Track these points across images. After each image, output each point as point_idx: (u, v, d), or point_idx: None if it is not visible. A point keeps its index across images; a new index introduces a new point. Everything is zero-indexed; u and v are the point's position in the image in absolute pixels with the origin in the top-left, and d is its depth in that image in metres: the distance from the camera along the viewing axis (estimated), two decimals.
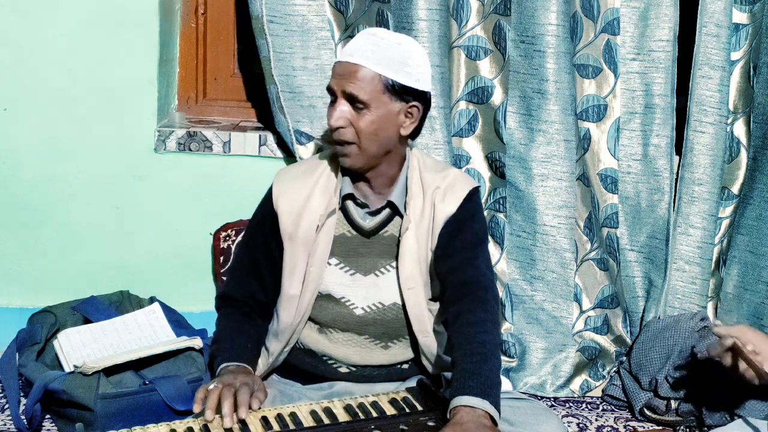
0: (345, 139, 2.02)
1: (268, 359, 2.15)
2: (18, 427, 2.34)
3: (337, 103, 2.01)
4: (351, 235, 2.11)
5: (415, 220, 2.08)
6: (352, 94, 1.99)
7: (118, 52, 2.74)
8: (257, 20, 2.64)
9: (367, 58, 1.98)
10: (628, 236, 2.82)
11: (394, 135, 2.05)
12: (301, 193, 2.10)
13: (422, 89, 2.05)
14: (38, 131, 2.78)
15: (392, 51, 2.00)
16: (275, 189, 2.14)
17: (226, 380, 1.93)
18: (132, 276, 2.85)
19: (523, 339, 2.80)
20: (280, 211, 2.10)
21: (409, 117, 2.05)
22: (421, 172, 2.12)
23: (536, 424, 1.96)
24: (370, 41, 2.01)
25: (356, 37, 2.04)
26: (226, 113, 3.01)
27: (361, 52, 1.99)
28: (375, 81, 1.99)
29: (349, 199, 2.11)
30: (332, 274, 2.10)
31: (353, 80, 1.98)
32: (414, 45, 2.07)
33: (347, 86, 1.99)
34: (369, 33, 2.04)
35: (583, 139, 2.76)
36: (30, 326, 2.58)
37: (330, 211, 2.08)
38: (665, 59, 2.69)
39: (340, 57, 2.03)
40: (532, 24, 2.61)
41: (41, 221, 2.84)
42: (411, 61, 2.02)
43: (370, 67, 1.98)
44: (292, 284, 2.10)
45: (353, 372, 2.14)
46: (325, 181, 2.12)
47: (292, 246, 2.10)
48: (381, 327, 2.12)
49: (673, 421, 2.54)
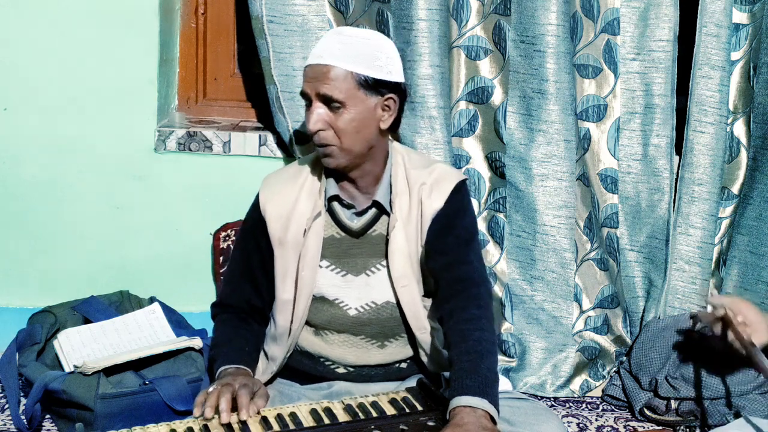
0: (326, 141, 2.01)
1: (270, 365, 2.15)
2: (18, 427, 2.34)
3: (313, 107, 2.00)
4: (340, 236, 2.10)
5: (402, 218, 2.07)
6: (327, 94, 1.97)
7: (118, 52, 2.74)
8: (257, 20, 2.64)
9: (336, 57, 1.97)
10: (628, 236, 2.82)
11: (374, 130, 2.04)
12: (288, 197, 2.10)
13: (396, 80, 2.04)
14: (38, 131, 2.78)
15: (361, 46, 1.99)
16: (262, 195, 2.13)
17: (225, 381, 1.93)
18: (132, 276, 2.85)
19: (523, 339, 2.80)
20: (267, 216, 2.10)
21: (387, 110, 2.05)
22: (407, 169, 2.11)
23: (536, 424, 1.95)
24: (337, 40, 2.00)
25: (323, 39, 2.03)
26: (226, 113, 3.01)
27: (330, 51, 1.98)
28: (348, 79, 1.97)
29: (334, 201, 2.10)
30: (324, 277, 2.10)
31: (326, 81, 1.97)
32: (382, 38, 2.06)
33: (321, 88, 1.97)
34: (335, 32, 2.04)
35: (583, 139, 2.76)
36: (30, 326, 2.58)
37: (315, 214, 2.07)
38: (665, 59, 2.69)
39: (309, 60, 2.02)
40: (532, 24, 2.61)
41: (41, 221, 2.85)
42: (381, 54, 2.01)
43: (341, 66, 1.97)
44: (285, 289, 2.10)
45: (351, 372, 2.14)
46: (311, 184, 2.11)
47: (282, 251, 2.09)
48: (376, 327, 2.11)
49: (673, 421, 2.54)
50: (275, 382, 2.17)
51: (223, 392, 1.87)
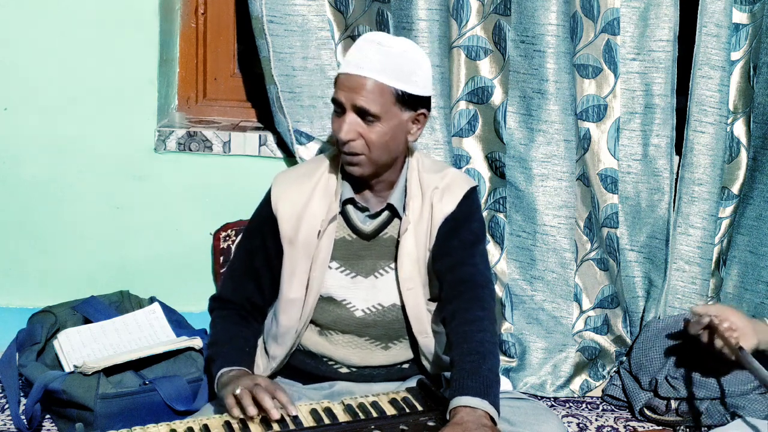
0: (355, 151, 1.99)
1: (270, 363, 2.15)
2: (18, 427, 2.34)
3: (346, 116, 1.97)
4: (351, 238, 2.10)
5: (414, 221, 2.07)
6: (363, 107, 1.95)
7: (118, 52, 2.74)
8: (257, 20, 2.64)
9: (376, 70, 1.94)
10: (628, 236, 2.82)
11: (402, 142, 2.04)
12: (301, 197, 2.09)
13: (427, 95, 2.04)
14: (38, 131, 2.78)
15: (400, 61, 1.96)
16: (274, 193, 2.12)
17: (245, 383, 1.90)
18: (132, 276, 2.85)
19: (523, 339, 2.80)
20: (279, 215, 2.09)
21: (417, 123, 2.04)
22: (420, 173, 2.11)
23: (536, 425, 1.96)
24: (376, 50, 1.96)
25: (360, 47, 1.99)
26: (226, 113, 3.01)
27: (369, 63, 1.94)
28: (385, 93, 1.95)
29: (349, 204, 2.10)
30: (333, 278, 2.10)
31: (364, 94, 1.94)
32: (419, 52, 2.04)
33: (358, 100, 1.94)
34: (374, 42, 1.98)
35: (583, 139, 2.76)
36: (30, 326, 2.58)
37: (331, 217, 2.07)
38: (665, 59, 2.70)
39: (347, 69, 1.97)
40: (532, 24, 2.61)
41: (41, 221, 2.84)
42: (419, 71, 1.99)
43: (381, 80, 1.94)
44: (291, 288, 2.09)
45: (353, 372, 2.14)
46: (324, 185, 2.10)
47: (292, 250, 2.08)
48: (381, 328, 2.11)
49: (673, 421, 2.54)
50: (276, 380, 2.17)
51: (257, 391, 1.85)
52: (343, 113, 1.98)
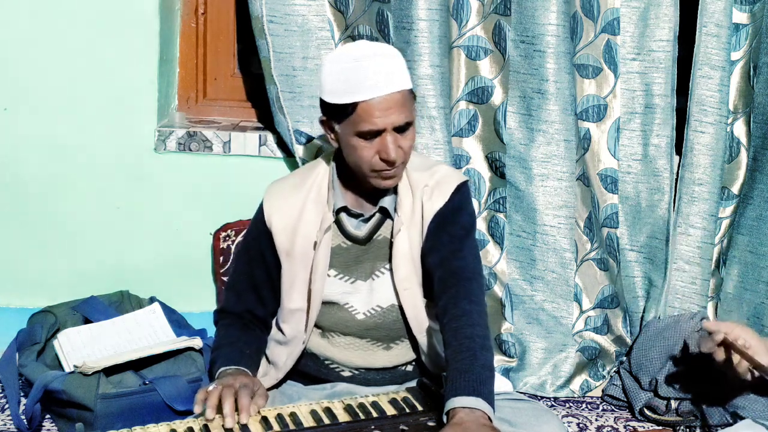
0: (397, 164, 1.97)
1: (276, 373, 2.14)
2: (18, 427, 2.34)
3: (385, 138, 1.92)
4: (347, 245, 2.09)
5: (406, 220, 2.06)
6: (407, 122, 1.94)
7: (118, 52, 2.74)
8: (257, 20, 2.64)
9: (396, 81, 1.92)
10: (628, 236, 2.82)
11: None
12: (294, 208, 2.07)
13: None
14: (38, 131, 2.78)
15: (399, 61, 1.97)
16: (266, 206, 2.10)
17: (226, 382, 1.92)
18: (132, 276, 2.85)
19: (523, 339, 2.80)
20: (273, 228, 2.08)
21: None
22: (409, 172, 2.09)
23: (537, 425, 1.95)
24: (381, 63, 1.93)
25: (366, 66, 1.92)
26: (226, 113, 3.01)
27: (386, 77, 1.92)
28: (409, 98, 1.96)
29: (342, 211, 2.09)
30: (333, 285, 2.09)
31: (398, 110, 1.92)
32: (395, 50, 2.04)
33: (397, 119, 1.92)
34: (376, 54, 1.95)
35: (583, 139, 2.76)
36: (30, 326, 2.58)
37: (326, 228, 2.05)
38: (665, 59, 2.69)
39: (371, 93, 1.90)
40: (532, 24, 2.62)
41: (41, 221, 2.85)
42: (405, 66, 2.01)
43: (403, 87, 1.94)
44: (291, 299, 2.09)
45: (356, 375, 2.13)
46: (316, 194, 2.08)
47: (289, 262, 2.08)
48: (382, 330, 2.11)
49: (673, 421, 2.54)
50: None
51: (225, 394, 1.86)
52: (373, 137, 1.94)
